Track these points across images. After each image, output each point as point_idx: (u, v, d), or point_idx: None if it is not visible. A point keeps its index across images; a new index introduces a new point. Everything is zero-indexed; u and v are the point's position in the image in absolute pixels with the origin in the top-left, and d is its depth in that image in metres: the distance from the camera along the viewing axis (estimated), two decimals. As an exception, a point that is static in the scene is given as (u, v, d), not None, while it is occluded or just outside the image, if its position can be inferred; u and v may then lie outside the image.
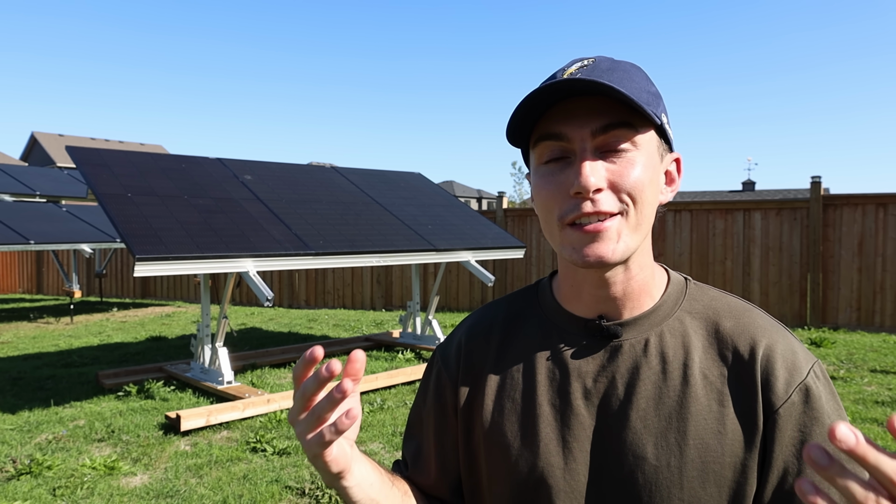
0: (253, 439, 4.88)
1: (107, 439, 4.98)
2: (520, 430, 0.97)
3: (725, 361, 0.92)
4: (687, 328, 0.95)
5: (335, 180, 8.26)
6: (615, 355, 0.95)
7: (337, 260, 6.27)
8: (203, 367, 6.40)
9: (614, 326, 0.95)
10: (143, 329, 10.81)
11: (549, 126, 0.89)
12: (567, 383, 0.96)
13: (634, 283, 0.95)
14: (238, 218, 6.20)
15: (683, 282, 1.01)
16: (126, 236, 5.19)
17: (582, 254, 0.88)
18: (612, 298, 0.95)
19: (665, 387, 0.91)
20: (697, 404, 0.90)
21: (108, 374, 6.76)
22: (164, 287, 15.85)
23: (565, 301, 1.01)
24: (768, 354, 0.90)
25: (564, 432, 0.94)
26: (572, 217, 0.87)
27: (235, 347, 8.65)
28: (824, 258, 9.44)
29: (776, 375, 0.88)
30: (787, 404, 0.87)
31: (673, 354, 0.93)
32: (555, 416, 0.95)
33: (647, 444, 0.89)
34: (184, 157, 7.33)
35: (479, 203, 67.15)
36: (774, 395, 0.88)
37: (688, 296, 0.99)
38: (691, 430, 0.89)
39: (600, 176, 0.86)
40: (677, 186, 0.99)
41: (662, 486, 0.88)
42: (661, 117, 0.91)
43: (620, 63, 0.93)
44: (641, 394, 0.92)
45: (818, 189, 9.45)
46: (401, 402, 5.91)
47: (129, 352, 8.59)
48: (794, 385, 0.88)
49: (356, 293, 13.03)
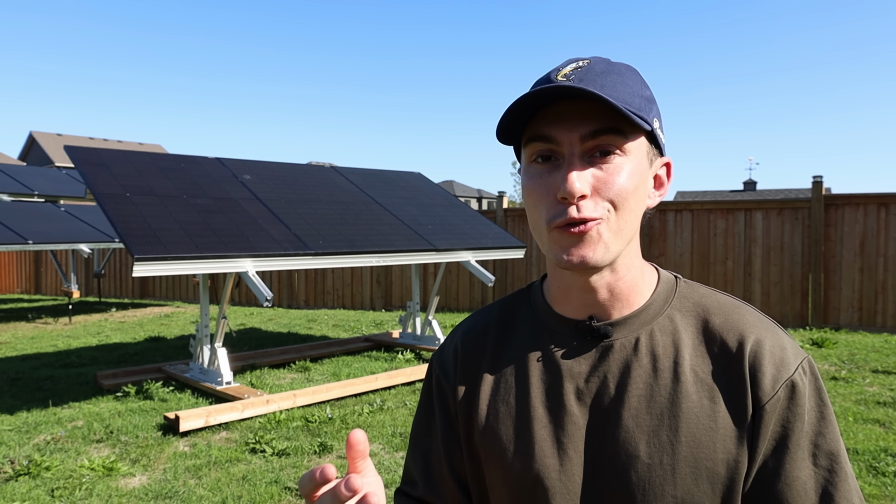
0: (252, 440, 4.88)
1: (105, 440, 4.98)
2: (514, 433, 0.98)
3: (714, 358, 0.93)
4: (677, 326, 0.96)
5: (334, 180, 8.27)
6: (606, 355, 0.96)
7: (336, 260, 6.27)
8: (202, 368, 6.40)
9: (604, 326, 0.96)
10: (141, 329, 10.81)
11: (540, 128, 0.91)
12: (559, 384, 0.97)
13: (622, 284, 0.97)
14: (237, 218, 6.20)
15: (673, 280, 1.02)
16: (125, 236, 5.20)
17: (566, 255, 0.90)
18: (601, 299, 0.97)
19: (656, 385, 0.92)
20: (689, 401, 0.91)
21: (106, 375, 6.77)
22: (162, 287, 15.86)
23: (555, 303, 1.02)
24: (756, 350, 0.91)
25: (558, 433, 0.95)
26: (559, 222, 0.89)
27: (234, 348, 8.66)
28: (826, 258, 9.45)
29: (763, 371, 0.89)
30: (773, 400, 0.89)
31: (663, 352, 0.94)
32: (548, 418, 0.96)
33: (639, 443, 0.90)
34: (183, 156, 7.33)
35: (480, 203, 67.18)
36: (762, 391, 0.89)
37: (678, 294, 1.00)
38: (683, 428, 0.90)
39: (585, 182, 0.88)
40: (666, 191, 1.01)
41: (656, 484, 0.89)
42: (652, 123, 0.92)
43: (616, 65, 0.94)
44: (633, 392, 0.93)
45: (820, 189, 9.46)
46: (400, 402, 5.92)
47: (127, 352, 8.59)
48: (781, 381, 0.89)
49: (356, 293, 13.03)
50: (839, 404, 5.57)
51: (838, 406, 5.51)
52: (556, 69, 0.93)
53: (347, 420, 5.39)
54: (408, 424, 5.25)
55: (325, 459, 4.55)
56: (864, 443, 4.64)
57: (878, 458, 4.34)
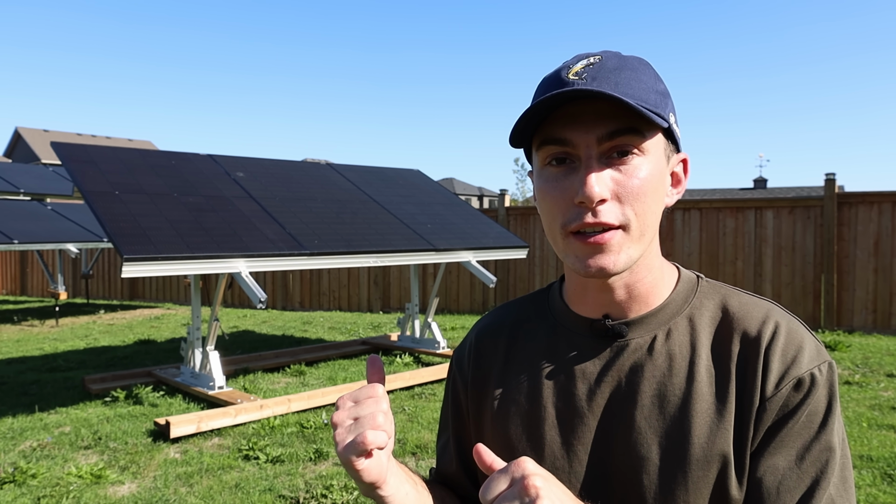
0: (245, 447, 4.89)
1: (93, 447, 4.98)
2: (524, 433, 1.00)
3: (731, 358, 0.93)
4: (696, 325, 0.97)
5: (331, 177, 8.27)
6: (619, 355, 0.97)
7: (332, 260, 6.28)
8: (193, 372, 6.40)
9: (619, 325, 0.97)
10: (131, 332, 10.81)
11: (554, 130, 0.90)
12: (572, 385, 0.98)
13: (641, 286, 0.98)
14: (230, 216, 6.20)
15: (695, 279, 1.03)
16: (113, 236, 5.20)
17: (584, 264, 0.91)
18: (618, 299, 0.98)
19: (670, 385, 0.93)
20: (702, 402, 0.91)
21: (94, 379, 6.77)
22: (153, 288, 15.86)
23: (572, 302, 1.04)
24: (770, 346, 0.91)
25: (567, 434, 0.97)
26: (575, 226, 0.89)
27: (227, 351, 8.66)
28: (839, 258, 9.44)
29: (772, 367, 0.90)
30: (777, 396, 0.89)
31: (679, 352, 0.95)
32: (558, 418, 0.98)
33: (651, 444, 0.91)
34: (174, 153, 7.33)
35: (481, 201, 67.12)
36: (768, 386, 0.90)
37: (699, 293, 1.00)
38: (696, 429, 0.90)
39: (605, 186, 0.88)
40: (683, 187, 1.01)
41: (666, 486, 0.90)
42: (668, 118, 0.92)
43: (628, 60, 0.93)
44: (646, 392, 0.94)
45: (832, 186, 9.45)
46: (399, 408, 5.92)
47: (116, 356, 8.60)
48: (790, 378, 0.89)
49: (352, 295, 13.04)
50: (853, 409, 5.56)
51: (851, 411, 5.51)
52: (566, 66, 0.92)
53: (344, 426, 5.38)
54: (406, 430, 5.26)
55: (320, 467, 4.56)
56: (878, 449, 4.64)
57: (892, 466, 4.34)
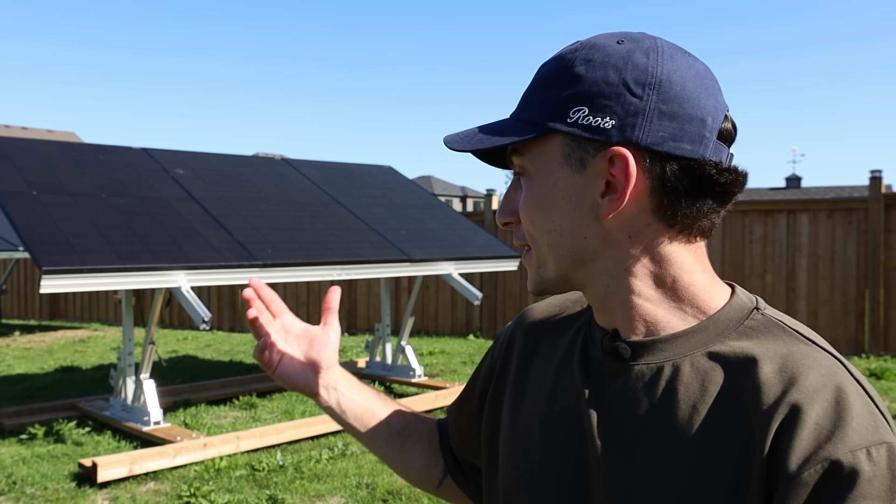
0: (186, 492, 4.92)
1: (7, 492, 4.99)
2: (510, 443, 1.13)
3: (741, 416, 0.88)
4: (717, 366, 0.92)
5: (287, 175, 8.32)
6: (618, 377, 0.99)
7: (289, 273, 6.32)
8: (125, 405, 6.42)
9: (622, 346, 0.98)
10: (51, 357, 10.78)
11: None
12: (568, 398, 1.06)
13: (637, 311, 0.99)
14: (168, 221, 6.24)
15: (747, 309, 0.97)
16: (30, 243, 5.22)
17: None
18: (616, 318, 1.02)
19: (659, 430, 0.93)
20: (687, 457, 0.90)
21: (8, 413, 6.77)
22: (77, 306, 15.80)
23: None
24: (794, 414, 0.84)
25: (548, 453, 1.05)
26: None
27: (165, 380, 8.65)
28: (886, 270, 9.45)
29: (793, 443, 0.82)
30: (794, 485, 0.81)
31: (684, 392, 0.92)
32: (542, 435, 1.07)
33: (626, 484, 0.94)
34: (101, 146, 7.37)
35: (464, 203, 67.28)
36: (780, 468, 0.82)
37: (744, 326, 0.95)
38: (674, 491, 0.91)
39: (506, 209, 1.07)
40: (629, 188, 0.92)
41: None
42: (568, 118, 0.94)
43: (552, 63, 1.00)
44: (630, 427, 0.96)
45: (879, 186, 9.48)
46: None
47: (34, 385, 8.58)
48: (817, 460, 0.80)
49: (313, 313, 13.03)
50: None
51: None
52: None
53: (302, 468, 5.43)
54: (375, 473, 5.31)
55: (274, 515, 4.59)
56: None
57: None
